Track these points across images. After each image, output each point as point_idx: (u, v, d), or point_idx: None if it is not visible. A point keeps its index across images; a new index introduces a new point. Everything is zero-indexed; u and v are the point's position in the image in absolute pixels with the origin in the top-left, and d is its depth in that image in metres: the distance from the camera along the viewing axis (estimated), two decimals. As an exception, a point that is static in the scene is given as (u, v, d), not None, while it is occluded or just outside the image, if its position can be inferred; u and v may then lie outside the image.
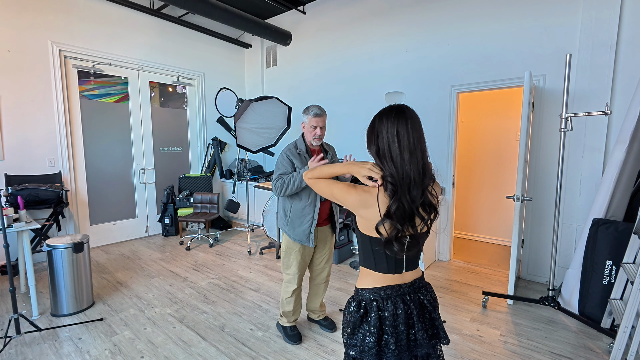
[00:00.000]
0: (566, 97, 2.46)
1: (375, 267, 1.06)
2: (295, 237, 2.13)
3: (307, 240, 2.13)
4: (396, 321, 1.02)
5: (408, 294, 1.06)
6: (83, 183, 4.14)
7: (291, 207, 2.12)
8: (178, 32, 4.89)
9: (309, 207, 2.10)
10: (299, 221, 2.11)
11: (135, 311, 2.67)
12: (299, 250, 2.16)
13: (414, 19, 3.89)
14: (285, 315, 2.29)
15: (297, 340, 2.26)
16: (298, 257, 2.17)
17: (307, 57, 5.04)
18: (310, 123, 2.08)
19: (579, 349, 2.20)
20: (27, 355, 2.11)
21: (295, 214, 2.12)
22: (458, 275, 3.40)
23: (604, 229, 2.43)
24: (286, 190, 2.02)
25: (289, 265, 2.20)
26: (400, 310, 1.02)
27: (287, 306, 2.26)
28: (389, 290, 1.04)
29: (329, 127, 4.86)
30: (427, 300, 1.08)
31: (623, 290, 2.26)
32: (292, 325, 2.32)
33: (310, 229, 2.12)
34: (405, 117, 0.99)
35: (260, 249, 4.14)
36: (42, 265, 3.63)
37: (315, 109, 2.08)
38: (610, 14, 2.76)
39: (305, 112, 2.11)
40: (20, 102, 3.59)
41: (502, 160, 4.38)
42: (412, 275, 1.09)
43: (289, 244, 2.18)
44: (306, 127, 2.11)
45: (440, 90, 3.75)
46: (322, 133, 2.12)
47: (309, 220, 2.11)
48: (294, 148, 2.12)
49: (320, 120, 2.08)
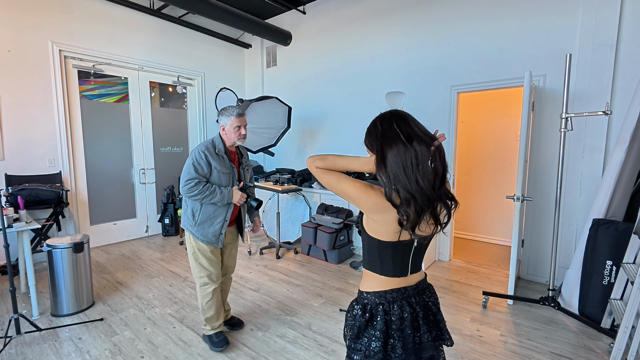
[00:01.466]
0: (566, 97, 2.46)
1: (381, 271, 1.03)
2: (204, 239, 2.06)
3: (216, 242, 2.09)
4: (402, 325, 1.00)
5: (413, 297, 1.04)
6: (83, 183, 4.14)
7: (201, 208, 2.05)
8: (178, 32, 4.89)
9: (221, 209, 2.07)
10: (210, 222, 2.06)
11: (136, 311, 2.67)
12: (209, 251, 2.11)
13: (414, 19, 3.89)
14: (209, 322, 2.18)
15: (224, 344, 2.16)
16: (208, 258, 2.11)
17: (307, 57, 5.04)
18: (234, 123, 2.04)
19: (579, 349, 2.20)
20: (27, 355, 2.11)
21: (206, 215, 2.05)
22: (458, 276, 3.40)
23: (604, 229, 2.43)
24: (202, 199, 1.99)
25: (202, 267, 2.11)
26: (406, 313, 1.01)
27: (208, 311, 2.15)
28: (395, 293, 1.02)
29: (329, 126, 4.87)
30: (431, 302, 1.07)
31: (623, 291, 2.26)
32: (218, 332, 2.21)
33: (222, 230, 2.08)
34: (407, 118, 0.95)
35: (260, 249, 4.14)
36: (42, 265, 3.63)
37: (238, 109, 2.06)
38: (610, 14, 2.76)
39: (224, 113, 2.06)
40: (21, 102, 3.59)
41: (502, 160, 4.38)
42: (416, 277, 1.07)
43: (196, 246, 2.09)
44: (228, 129, 2.05)
45: (440, 90, 3.75)
46: (246, 132, 2.10)
47: (221, 222, 2.07)
48: (212, 147, 2.04)
49: (243, 119, 2.07)
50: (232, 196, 2.05)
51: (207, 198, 1.99)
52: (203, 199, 2.00)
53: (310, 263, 3.78)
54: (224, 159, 2.07)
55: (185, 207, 2.10)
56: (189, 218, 2.08)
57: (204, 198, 1.99)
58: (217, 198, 2.01)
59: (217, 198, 2.01)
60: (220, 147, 2.08)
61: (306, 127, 5.14)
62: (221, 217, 2.08)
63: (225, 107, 2.11)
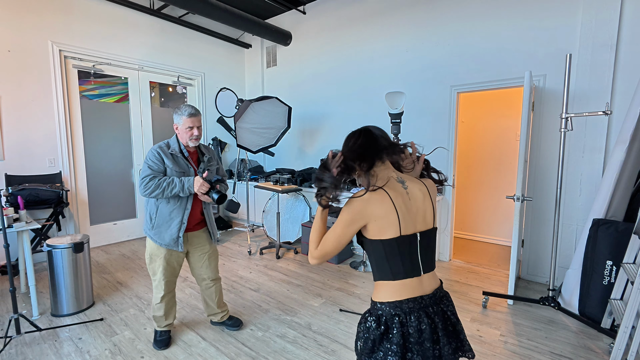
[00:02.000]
0: (566, 97, 2.46)
1: (391, 275, 1.00)
2: (162, 242, 2.02)
3: (175, 245, 2.03)
4: (421, 337, 0.95)
5: (431, 306, 1.00)
6: (83, 183, 4.14)
7: (157, 210, 2.01)
8: (178, 32, 4.89)
9: (177, 211, 2.01)
10: (166, 225, 2.01)
11: (136, 311, 2.67)
12: (165, 257, 2.06)
13: (414, 19, 3.89)
14: (156, 320, 2.21)
15: (162, 346, 2.17)
16: (164, 263, 2.07)
17: (307, 57, 5.04)
18: (186, 124, 1.98)
19: (579, 349, 2.20)
20: (27, 355, 2.11)
21: (162, 218, 2.01)
22: (458, 276, 3.40)
23: (604, 229, 2.43)
24: (160, 193, 1.90)
25: (155, 271, 2.09)
26: (424, 325, 0.96)
27: (157, 311, 2.18)
28: (410, 303, 0.98)
29: (329, 126, 4.86)
30: (450, 312, 1.04)
31: (623, 291, 2.26)
32: (162, 330, 2.23)
33: (179, 234, 2.02)
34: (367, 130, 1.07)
35: (261, 249, 4.14)
36: (42, 265, 3.63)
37: (190, 109, 1.99)
38: (610, 14, 2.76)
39: (177, 112, 2.00)
40: (21, 102, 3.59)
41: (502, 160, 4.38)
42: (432, 285, 1.04)
43: (153, 250, 2.06)
44: (181, 128, 2.00)
45: (440, 90, 3.75)
46: (199, 133, 2.03)
47: (178, 225, 2.02)
48: (165, 147, 2.01)
49: (196, 120, 1.99)
50: (192, 184, 1.94)
51: (167, 190, 1.90)
52: (163, 193, 1.90)
53: (310, 263, 3.78)
54: (177, 158, 2.03)
55: (145, 212, 2.07)
56: (147, 222, 2.05)
57: (163, 192, 1.90)
58: (177, 188, 1.92)
59: (177, 188, 1.92)
60: (175, 147, 2.03)
61: (306, 127, 5.14)
62: (177, 219, 2.01)
63: (180, 105, 2.02)
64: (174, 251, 2.09)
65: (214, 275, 2.28)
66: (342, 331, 2.40)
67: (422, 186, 1.08)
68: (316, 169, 4.95)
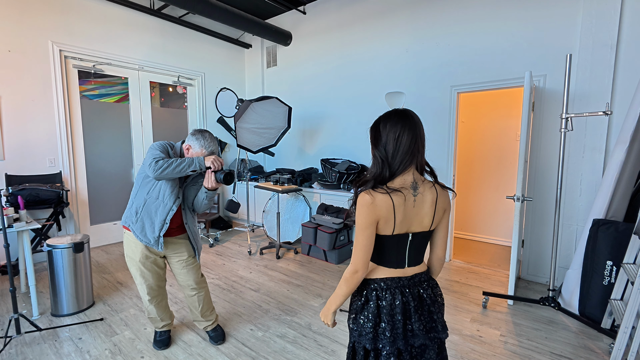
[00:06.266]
0: (566, 98, 2.46)
1: (379, 261, 1.14)
2: (143, 238, 1.97)
3: (155, 244, 1.98)
4: (393, 311, 1.10)
5: (408, 287, 1.13)
6: (83, 183, 4.14)
7: (144, 204, 1.97)
8: (178, 32, 4.89)
9: (162, 209, 1.97)
10: (150, 221, 1.97)
11: (136, 311, 2.67)
12: (140, 260, 2.01)
13: (414, 19, 3.89)
14: (151, 321, 2.20)
15: (162, 346, 2.17)
16: (140, 267, 2.02)
17: (307, 57, 5.04)
18: (201, 156, 1.95)
19: (579, 349, 2.20)
20: (27, 355, 2.11)
21: (148, 213, 1.97)
22: (458, 276, 3.40)
23: (605, 229, 2.43)
24: (171, 170, 1.83)
25: (135, 275, 2.06)
26: (397, 301, 1.10)
27: (149, 314, 2.17)
28: (389, 281, 1.12)
29: (329, 126, 4.87)
30: (426, 295, 1.15)
31: (623, 291, 2.25)
32: (162, 331, 2.22)
33: (160, 233, 1.97)
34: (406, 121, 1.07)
35: (261, 249, 4.14)
36: (42, 265, 3.63)
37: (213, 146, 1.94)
38: (610, 14, 2.76)
39: (199, 139, 1.95)
40: (21, 102, 3.59)
41: (502, 161, 4.38)
42: (414, 270, 1.15)
43: (130, 247, 2.02)
44: (193, 154, 1.97)
45: (440, 90, 3.75)
46: None
47: (160, 224, 1.97)
48: (169, 146, 1.98)
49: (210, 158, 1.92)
50: (202, 159, 1.90)
51: (180, 166, 1.85)
52: (174, 170, 1.84)
53: (310, 263, 3.78)
54: None
55: (131, 204, 2.02)
56: (132, 214, 1.99)
57: (176, 167, 1.84)
58: (185, 163, 1.86)
59: (186, 162, 1.86)
60: (178, 152, 2.02)
61: (306, 127, 5.15)
62: (161, 217, 1.97)
63: (201, 131, 1.98)
64: (150, 254, 2.03)
65: (194, 285, 2.16)
66: (342, 331, 2.40)
67: (434, 196, 1.11)
68: (316, 169, 4.95)
